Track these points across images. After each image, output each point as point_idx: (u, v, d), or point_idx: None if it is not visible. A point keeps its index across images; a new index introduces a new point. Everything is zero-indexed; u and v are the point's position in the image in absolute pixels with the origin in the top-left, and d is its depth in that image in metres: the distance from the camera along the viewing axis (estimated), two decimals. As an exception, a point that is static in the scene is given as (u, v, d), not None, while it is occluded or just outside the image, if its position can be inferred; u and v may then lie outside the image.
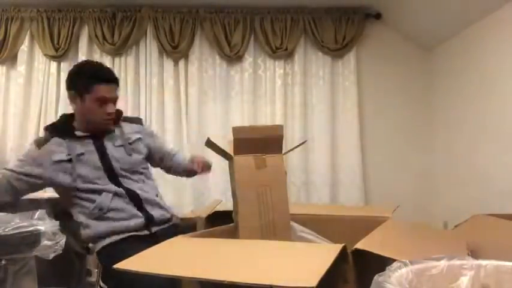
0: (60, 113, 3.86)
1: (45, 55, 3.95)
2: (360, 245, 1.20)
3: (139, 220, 1.72)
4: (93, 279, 2.99)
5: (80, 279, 2.70)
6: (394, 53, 4.13)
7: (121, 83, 4.07)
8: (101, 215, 1.70)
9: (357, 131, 4.02)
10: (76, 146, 1.72)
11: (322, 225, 1.82)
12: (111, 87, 1.73)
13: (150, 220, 1.74)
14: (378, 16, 4.07)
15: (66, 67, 3.98)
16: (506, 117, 2.99)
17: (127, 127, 1.87)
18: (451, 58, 3.76)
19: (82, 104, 1.71)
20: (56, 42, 3.93)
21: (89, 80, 1.70)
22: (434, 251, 1.06)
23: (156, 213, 1.78)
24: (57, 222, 1.57)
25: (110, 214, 1.70)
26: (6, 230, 1.41)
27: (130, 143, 1.83)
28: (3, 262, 1.89)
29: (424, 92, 4.10)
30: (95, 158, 1.73)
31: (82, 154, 1.71)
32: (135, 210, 1.73)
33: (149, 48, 4.02)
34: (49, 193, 3.40)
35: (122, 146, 1.80)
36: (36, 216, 1.48)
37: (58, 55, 3.92)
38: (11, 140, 3.90)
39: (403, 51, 4.14)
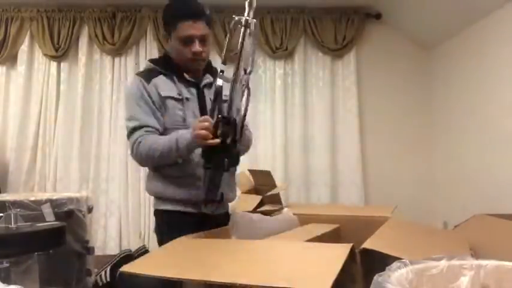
0: (60, 113, 3.93)
1: (45, 55, 3.95)
2: (367, 245, 1.19)
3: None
4: (93, 279, 3.00)
5: (80, 279, 2.70)
6: (394, 53, 4.13)
7: (121, 83, 4.10)
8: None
9: (357, 131, 4.02)
10: (182, 87, 1.62)
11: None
12: (197, 24, 1.57)
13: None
14: (378, 16, 4.07)
15: (66, 67, 3.99)
16: (506, 116, 2.99)
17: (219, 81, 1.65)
18: (451, 58, 3.76)
19: (170, 44, 1.62)
20: (56, 42, 3.93)
21: (172, 18, 1.59)
22: (438, 250, 1.06)
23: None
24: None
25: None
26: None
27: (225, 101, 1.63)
28: (5, 263, 1.90)
29: (424, 92, 4.10)
30: (195, 105, 1.62)
31: (187, 99, 1.61)
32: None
33: (149, 48, 4.02)
34: (49, 193, 3.42)
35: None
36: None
37: (58, 55, 3.92)
38: (11, 140, 3.90)
39: (403, 51, 4.14)
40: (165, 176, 1.60)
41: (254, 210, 2.22)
